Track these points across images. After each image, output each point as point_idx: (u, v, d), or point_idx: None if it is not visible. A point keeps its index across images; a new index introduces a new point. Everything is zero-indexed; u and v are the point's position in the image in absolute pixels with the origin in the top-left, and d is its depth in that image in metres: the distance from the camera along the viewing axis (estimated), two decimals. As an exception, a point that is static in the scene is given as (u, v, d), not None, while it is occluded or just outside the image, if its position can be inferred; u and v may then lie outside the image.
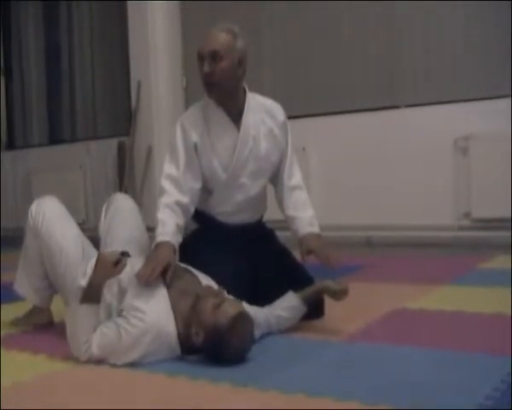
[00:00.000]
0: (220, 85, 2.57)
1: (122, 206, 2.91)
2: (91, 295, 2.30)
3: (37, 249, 2.75)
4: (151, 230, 2.67)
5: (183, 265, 2.56)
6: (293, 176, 2.82)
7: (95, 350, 2.26)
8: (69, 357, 2.36)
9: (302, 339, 2.54)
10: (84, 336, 2.28)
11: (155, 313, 2.26)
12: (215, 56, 2.53)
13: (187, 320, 2.26)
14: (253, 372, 2.14)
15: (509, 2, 4.85)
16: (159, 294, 2.32)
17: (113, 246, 2.65)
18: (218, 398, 1.91)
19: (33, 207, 2.77)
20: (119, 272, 2.35)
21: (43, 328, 2.90)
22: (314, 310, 2.68)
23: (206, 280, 2.47)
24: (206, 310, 2.22)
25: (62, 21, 7.49)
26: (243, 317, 2.23)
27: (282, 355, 2.34)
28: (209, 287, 2.37)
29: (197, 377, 2.08)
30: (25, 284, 2.90)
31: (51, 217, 2.71)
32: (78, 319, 2.30)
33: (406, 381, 1.97)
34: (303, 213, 2.76)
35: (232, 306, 2.23)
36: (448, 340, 2.42)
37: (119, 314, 2.31)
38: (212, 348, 2.21)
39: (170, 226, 2.52)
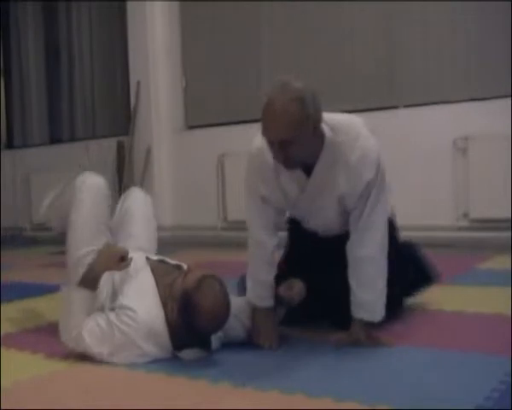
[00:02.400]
0: (298, 160, 2.28)
1: (136, 202, 2.94)
2: (89, 280, 2.32)
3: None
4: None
5: (173, 262, 2.58)
6: (365, 245, 2.35)
7: (86, 336, 2.26)
8: (68, 357, 2.36)
9: (301, 339, 2.54)
10: (75, 318, 2.28)
11: (146, 312, 2.27)
12: (284, 143, 2.17)
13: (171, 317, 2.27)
14: (252, 372, 2.14)
15: (509, 2, 4.85)
16: (149, 293, 2.34)
17: (120, 240, 2.71)
18: (217, 398, 1.91)
19: (81, 177, 2.80)
20: (121, 268, 2.36)
21: (44, 327, 2.90)
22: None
23: None
24: (176, 284, 2.26)
25: (61, 21, 7.48)
26: (209, 277, 2.24)
27: (282, 355, 2.34)
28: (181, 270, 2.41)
29: (196, 377, 2.09)
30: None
31: (88, 194, 2.72)
32: (72, 301, 2.31)
33: (405, 381, 1.98)
34: (365, 294, 2.38)
35: (198, 271, 2.26)
36: (447, 340, 2.42)
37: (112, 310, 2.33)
38: (185, 318, 2.20)
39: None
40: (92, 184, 2.75)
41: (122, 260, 2.37)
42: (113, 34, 7.03)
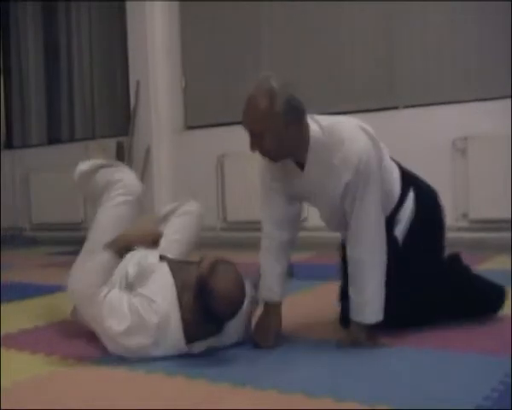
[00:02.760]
0: (274, 154, 2.38)
1: (187, 219, 2.98)
2: (119, 246, 2.35)
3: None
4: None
5: (188, 260, 2.60)
6: (356, 247, 2.38)
7: (105, 307, 2.27)
8: (67, 357, 2.36)
9: (301, 339, 2.54)
10: (93, 275, 2.31)
11: (166, 304, 2.29)
12: (255, 135, 2.34)
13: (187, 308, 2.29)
14: (252, 372, 2.14)
15: (509, 2, 4.85)
16: (167, 286, 2.35)
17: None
18: (216, 398, 1.91)
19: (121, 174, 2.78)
20: (151, 247, 2.43)
21: (44, 327, 2.90)
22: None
23: None
24: (191, 275, 2.27)
25: (61, 21, 7.48)
26: (222, 261, 2.26)
27: (281, 355, 2.34)
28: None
29: (196, 376, 2.09)
30: None
31: (121, 194, 2.68)
32: (96, 258, 2.34)
33: (405, 381, 1.98)
34: (358, 295, 2.39)
35: (211, 256, 2.27)
36: (447, 340, 2.43)
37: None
38: (201, 304, 2.22)
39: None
40: (128, 186, 2.74)
41: (154, 241, 2.42)
42: (112, 34, 7.03)
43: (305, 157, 2.38)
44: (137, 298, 2.31)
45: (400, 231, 2.54)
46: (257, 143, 2.33)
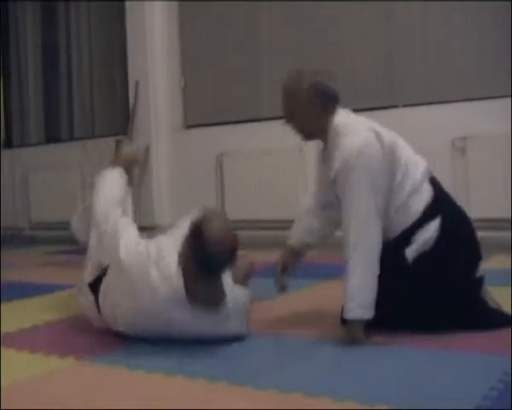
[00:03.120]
0: (303, 134, 2.68)
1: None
2: (119, 162, 2.76)
3: None
4: (148, 229, 2.71)
5: None
6: (344, 242, 2.43)
7: (124, 246, 2.45)
8: (67, 356, 2.36)
9: (300, 338, 2.54)
10: (115, 189, 2.67)
11: (171, 259, 2.37)
12: (285, 112, 2.62)
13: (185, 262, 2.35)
14: (251, 371, 2.14)
15: (509, 2, 4.85)
16: (172, 247, 2.42)
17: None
18: (215, 397, 1.91)
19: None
20: (142, 163, 2.65)
21: (43, 327, 2.90)
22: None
23: None
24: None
25: (60, 20, 7.47)
26: (214, 211, 2.50)
27: (280, 354, 2.34)
28: None
29: (194, 376, 2.09)
30: None
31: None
32: (110, 175, 2.72)
33: (404, 381, 1.98)
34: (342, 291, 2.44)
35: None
36: (446, 340, 2.42)
37: None
38: (197, 249, 2.29)
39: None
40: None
41: (140, 159, 2.69)
42: (111, 34, 7.02)
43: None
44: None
45: (412, 251, 2.50)
46: (287, 119, 2.61)
